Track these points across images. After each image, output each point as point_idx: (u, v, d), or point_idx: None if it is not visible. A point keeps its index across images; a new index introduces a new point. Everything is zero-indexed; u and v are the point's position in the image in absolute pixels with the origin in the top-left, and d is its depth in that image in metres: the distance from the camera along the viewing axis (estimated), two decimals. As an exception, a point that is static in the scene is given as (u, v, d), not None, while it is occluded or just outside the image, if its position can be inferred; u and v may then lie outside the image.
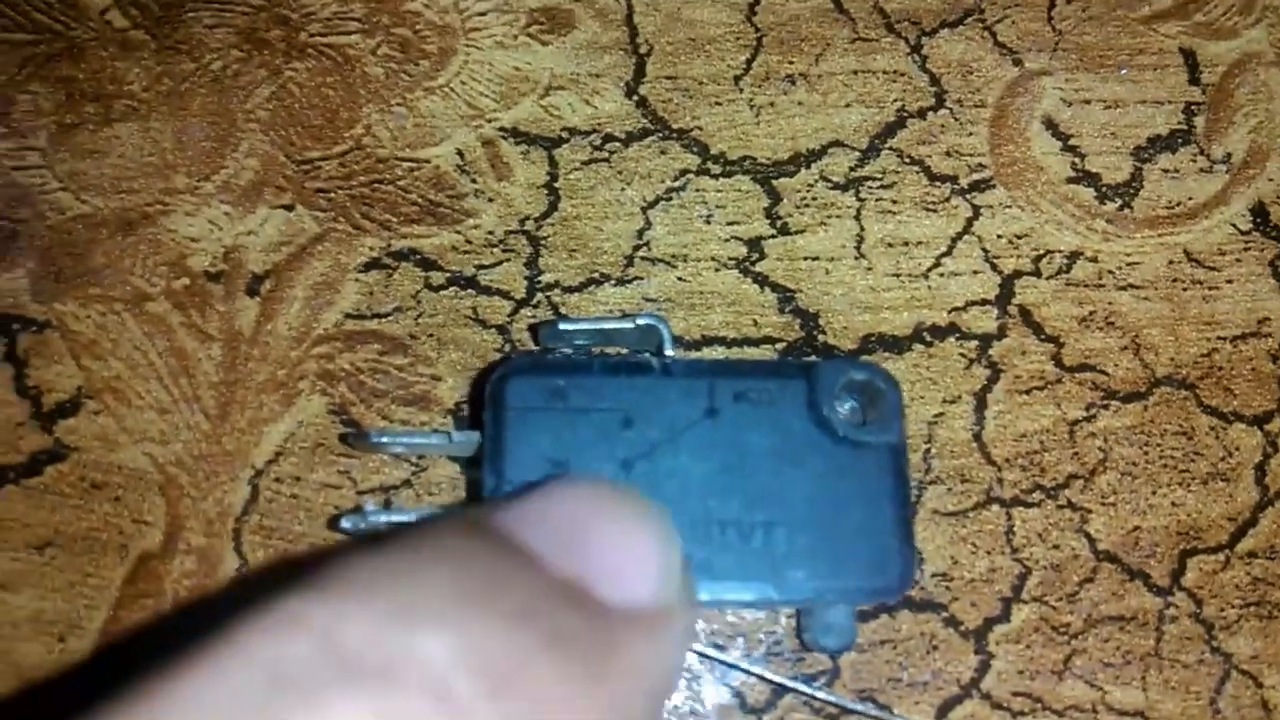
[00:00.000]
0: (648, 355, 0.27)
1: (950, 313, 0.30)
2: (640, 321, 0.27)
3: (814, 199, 0.31)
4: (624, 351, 0.29)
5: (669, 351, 0.27)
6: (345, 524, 0.26)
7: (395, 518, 0.26)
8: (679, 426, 0.26)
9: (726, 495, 0.25)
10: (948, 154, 0.32)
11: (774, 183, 0.31)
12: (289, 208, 0.30)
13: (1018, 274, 0.31)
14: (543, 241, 0.30)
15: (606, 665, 0.16)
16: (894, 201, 0.31)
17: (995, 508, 0.29)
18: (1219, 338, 0.31)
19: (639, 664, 0.17)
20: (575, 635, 0.16)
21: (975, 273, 0.31)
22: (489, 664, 0.15)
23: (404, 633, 0.15)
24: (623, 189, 0.31)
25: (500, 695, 0.15)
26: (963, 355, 0.30)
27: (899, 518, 0.26)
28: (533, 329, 0.29)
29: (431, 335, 0.29)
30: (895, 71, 0.32)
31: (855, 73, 0.32)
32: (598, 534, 0.18)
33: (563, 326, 0.27)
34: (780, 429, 0.26)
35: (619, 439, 0.26)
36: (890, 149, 0.32)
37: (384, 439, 0.26)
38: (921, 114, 0.32)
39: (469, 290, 0.30)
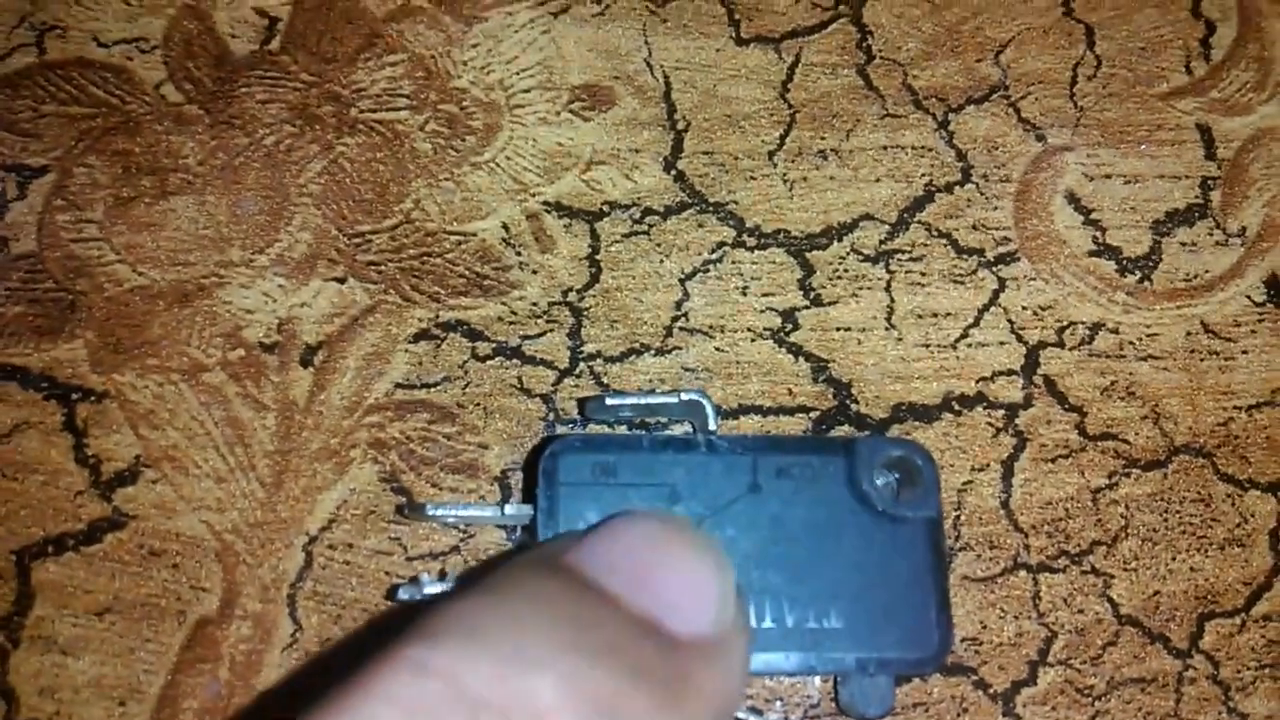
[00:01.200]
0: (694, 433, 0.28)
1: (978, 382, 0.31)
2: (684, 397, 0.28)
3: (846, 271, 0.32)
4: (664, 422, 0.30)
5: (712, 426, 0.28)
6: (402, 594, 0.27)
7: (450, 588, 0.27)
8: (723, 501, 0.27)
9: (770, 568, 0.27)
10: (974, 228, 0.33)
11: (807, 255, 0.32)
12: (341, 280, 0.31)
13: (1042, 345, 0.32)
14: (585, 313, 0.31)
15: (682, 693, 0.19)
16: (923, 274, 0.32)
17: (1022, 573, 0.30)
18: (1235, 407, 0.32)
19: (707, 689, 0.19)
20: (653, 667, 0.18)
21: (1002, 343, 0.32)
22: (586, 699, 0.17)
23: (517, 676, 0.17)
24: (661, 261, 0.32)
25: None
26: (990, 424, 0.31)
27: (937, 589, 0.27)
28: (580, 403, 0.30)
29: (478, 404, 0.30)
30: (923, 147, 0.34)
31: (885, 148, 0.34)
32: (663, 570, 0.20)
33: (609, 401, 0.28)
34: (821, 504, 0.27)
35: (666, 513, 0.27)
36: (919, 223, 0.33)
37: (439, 511, 0.27)
38: (949, 188, 0.33)
39: (514, 360, 0.31)
